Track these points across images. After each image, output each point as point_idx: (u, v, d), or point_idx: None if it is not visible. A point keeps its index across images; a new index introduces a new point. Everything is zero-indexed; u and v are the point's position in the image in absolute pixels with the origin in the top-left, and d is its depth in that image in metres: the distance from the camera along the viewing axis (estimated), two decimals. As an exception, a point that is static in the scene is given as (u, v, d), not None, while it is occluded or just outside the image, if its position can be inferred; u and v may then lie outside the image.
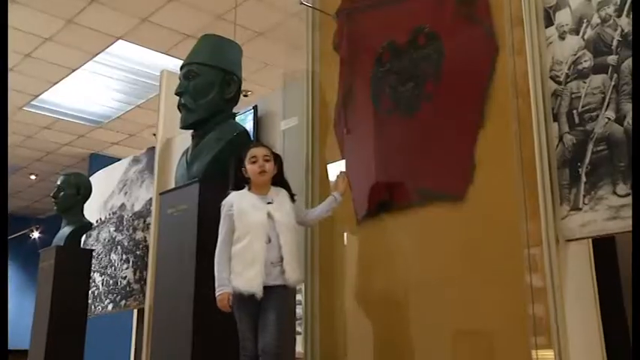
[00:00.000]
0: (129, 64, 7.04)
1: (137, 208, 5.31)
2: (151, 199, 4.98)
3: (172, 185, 3.64)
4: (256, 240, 2.58)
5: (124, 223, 5.40)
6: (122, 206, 5.50)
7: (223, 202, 2.71)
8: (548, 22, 2.47)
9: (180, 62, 3.50)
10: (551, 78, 2.43)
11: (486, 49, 2.65)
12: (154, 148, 5.06)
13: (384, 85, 3.08)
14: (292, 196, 2.79)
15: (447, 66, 2.80)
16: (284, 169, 2.81)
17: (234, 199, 2.69)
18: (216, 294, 2.57)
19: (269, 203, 2.68)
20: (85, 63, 6.96)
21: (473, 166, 2.61)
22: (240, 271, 2.57)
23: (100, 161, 8.77)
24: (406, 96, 2.96)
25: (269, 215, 2.64)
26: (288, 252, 2.61)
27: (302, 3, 3.39)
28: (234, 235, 2.63)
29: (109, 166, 6.03)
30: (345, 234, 3.21)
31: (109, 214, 5.64)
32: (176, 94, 3.37)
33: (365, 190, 3.08)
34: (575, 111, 2.33)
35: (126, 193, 5.51)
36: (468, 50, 2.75)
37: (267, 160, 2.73)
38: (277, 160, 2.79)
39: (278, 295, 2.58)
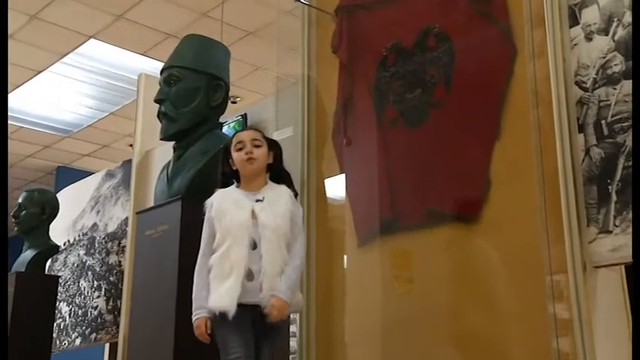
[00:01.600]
0: (102, 66, 7.07)
1: (111, 228, 5.30)
2: (126, 218, 4.97)
3: (151, 203, 3.63)
4: (236, 245, 2.40)
5: (96, 245, 5.39)
6: (94, 227, 5.49)
7: (206, 202, 2.56)
8: (573, 21, 2.49)
9: (160, 65, 3.51)
10: (577, 84, 2.44)
11: (503, 52, 2.67)
12: (130, 161, 5.07)
13: (388, 92, 3.10)
14: (295, 194, 2.61)
15: (459, 70, 2.82)
16: (283, 160, 2.64)
17: (215, 198, 2.54)
18: (193, 320, 2.43)
19: (258, 201, 2.50)
20: (51, 64, 6.99)
21: (488, 183, 2.62)
22: (216, 286, 2.41)
23: (68, 175, 8.77)
24: (413, 104, 2.98)
25: (253, 214, 2.45)
26: (270, 262, 2.39)
27: (298, 0, 3.41)
28: (215, 242, 2.47)
29: (79, 181, 6.02)
30: (345, 257, 3.21)
31: (79, 236, 5.63)
32: (156, 101, 3.38)
33: (367, 208, 3.09)
34: (603, 121, 2.34)
35: (98, 212, 5.51)
36: (483, 53, 2.77)
37: (257, 146, 2.56)
38: (273, 146, 2.63)
39: (270, 327, 2.40)
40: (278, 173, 2.62)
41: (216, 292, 2.39)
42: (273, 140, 2.68)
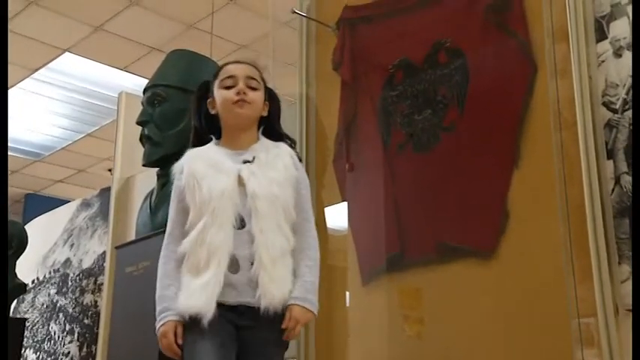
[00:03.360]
0: (78, 82, 7.12)
1: (86, 264, 5.30)
2: (104, 253, 4.97)
3: (132, 236, 3.64)
4: (215, 223, 2.02)
5: (69, 283, 5.38)
6: (67, 262, 5.49)
7: (172, 168, 2.21)
8: (601, 35, 2.51)
9: (143, 80, 3.55)
10: (604, 105, 2.46)
11: (522, 69, 2.69)
12: (109, 188, 5.08)
13: (395, 113, 3.12)
14: (299, 158, 2.30)
15: (473, 89, 2.83)
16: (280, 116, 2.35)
17: (187, 160, 2.17)
18: (156, 327, 2.07)
19: (246, 162, 2.13)
20: (21, 80, 7.04)
21: (505, 215, 2.62)
22: (188, 281, 2.04)
23: (38, 204, 8.78)
24: (422, 126, 2.99)
25: (240, 181, 2.08)
26: (266, 246, 2.04)
27: (294, 12, 3.45)
28: (187, 221, 2.11)
29: (51, 211, 6.03)
30: (348, 296, 3.20)
31: (50, 273, 5.62)
32: (138, 123, 3.41)
33: (371, 242, 3.09)
34: (635, 146, 2.35)
35: (72, 246, 5.50)
36: (499, 70, 2.79)
37: (252, 88, 2.22)
38: (271, 96, 2.33)
39: (269, 326, 2.05)
40: (274, 131, 2.28)
41: (187, 289, 2.02)
42: (272, 90, 2.36)
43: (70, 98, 7.37)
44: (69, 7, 5.83)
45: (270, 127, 2.30)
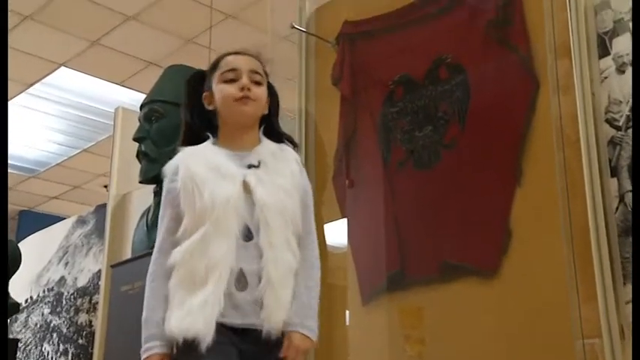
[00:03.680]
0: (74, 97, 7.14)
1: (81, 283, 5.28)
2: (99, 271, 4.96)
3: (128, 255, 3.64)
4: (218, 234, 1.85)
5: (63, 302, 5.37)
6: (61, 280, 5.48)
7: (164, 169, 2.01)
8: (604, 51, 2.52)
9: (140, 95, 3.58)
10: (608, 122, 2.47)
11: (523, 85, 2.69)
12: (104, 205, 5.08)
13: (395, 130, 3.12)
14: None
15: (475, 106, 2.84)
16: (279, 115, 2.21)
17: (183, 160, 1.96)
18: (142, 356, 1.92)
19: (252, 167, 1.97)
20: (16, 95, 7.06)
21: (508, 234, 2.62)
22: (181, 298, 1.84)
23: (33, 221, 8.77)
24: (423, 143, 3.00)
25: (246, 187, 1.92)
26: (276, 263, 1.89)
27: (294, 26, 3.46)
28: (179, 229, 1.91)
29: (46, 229, 6.02)
30: (347, 315, 3.19)
31: (44, 292, 5.61)
32: (135, 139, 3.42)
33: (371, 260, 3.09)
34: None
35: (67, 264, 5.50)
36: (501, 86, 2.80)
37: (256, 83, 2.04)
38: (270, 91, 2.16)
39: (271, 351, 1.91)
40: (273, 131, 2.11)
41: (182, 307, 1.82)
42: (270, 83, 2.18)
43: (66, 113, 7.39)
44: (65, 21, 5.85)
45: (270, 126, 2.12)
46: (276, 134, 2.13)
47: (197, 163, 1.93)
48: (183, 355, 1.84)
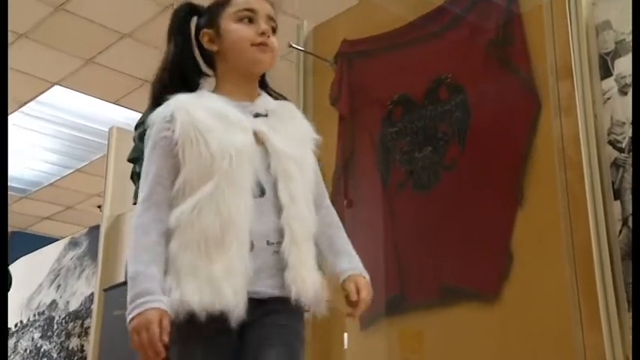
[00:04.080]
0: (67, 116, 7.14)
1: (73, 306, 5.27)
2: (92, 295, 4.94)
3: (121, 278, 3.63)
4: (232, 189, 1.62)
5: (54, 327, 5.35)
6: (53, 304, 5.46)
7: (151, 117, 1.73)
8: (606, 72, 2.54)
9: (135, 114, 3.57)
10: (610, 143, 2.47)
11: (525, 107, 2.70)
12: (98, 227, 5.08)
13: (394, 150, 3.13)
14: None
15: (475, 126, 2.85)
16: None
17: (177, 106, 1.69)
18: (130, 316, 1.57)
19: (258, 115, 1.76)
20: (9, 114, 7.06)
21: (509, 257, 2.63)
22: (192, 264, 1.57)
23: (24, 242, 8.74)
24: (423, 164, 3.01)
25: (257, 137, 1.71)
26: (298, 218, 1.68)
27: (291, 45, 3.48)
28: (176, 183, 1.65)
29: (37, 251, 6.02)
30: (346, 340, 3.18)
31: (34, 316, 5.59)
32: (129, 160, 3.42)
33: (370, 283, 3.08)
34: (642, 185, 2.36)
35: (59, 287, 5.48)
36: (502, 107, 2.81)
37: (273, 31, 1.81)
38: None
39: (284, 325, 1.66)
40: (269, 88, 1.90)
41: (196, 275, 1.56)
42: None
43: (59, 132, 7.39)
44: (59, 39, 5.86)
45: (265, 83, 1.91)
46: (271, 92, 1.91)
47: (197, 110, 1.68)
48: (179, 336, 1.58)
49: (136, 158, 3.40)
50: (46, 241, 6.64)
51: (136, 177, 3.39)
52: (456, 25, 3.03)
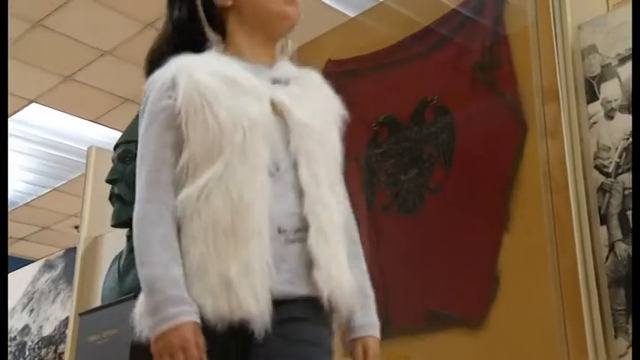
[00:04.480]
0: (44, 134, 7.13)
1: (47, 331, 5.22)
2: (66, 319, 4.91)
3: (97, 302, 3.61)
4: (245, 167, 1.41)
5: (26, 353, 5.29)
6: (25, 329, 5.41)
7: (150, 81, 1.59)
8: (592, 96, 2.55)
9: (115, 133, 3.57)
10: (597, 168, 2.49)
11: (511, 130, 2.72)
12: (74, 249, 5.04)
13: (379, 172, 3.15)
14: None
15: (461, 149, 2.87)
16: None
17: (179, 69, 1.49)
18: (156, 332, 1.34)
19: (277, 82, 1.56)
20: (-16, 132, 7.05)
21: (495, 282, 2.63)
22: (201, 263, 1.36)
23: (-2, 263, 8.69)
24: (408, 187, 3.02)
25: (274, 107, 1.51)
26: (324, 203, 1.48)
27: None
28: (181, 160, 1.44)
29: (11, 273, 5.96)
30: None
31: (7, 340, 5.54)
32: (107, 181, 3.41)
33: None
34: (629, 212, 2.37)
35: (32, 311, 5.43)
36: (488, 129, 2.83)
37: None
38: None
39: (310, 342, 1.44)
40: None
41: (206, 277, 1.35)
42: None
43: (36, 151, 7.37)
44: (37, 56, 5.86)
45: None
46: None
47: (204, 74, 1.46)
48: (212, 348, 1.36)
49: (114, 179, 3.39)
50: (20, 262, 6.58)
51: (114, 198, 3.38)
52: (443, 47, 3.06)
